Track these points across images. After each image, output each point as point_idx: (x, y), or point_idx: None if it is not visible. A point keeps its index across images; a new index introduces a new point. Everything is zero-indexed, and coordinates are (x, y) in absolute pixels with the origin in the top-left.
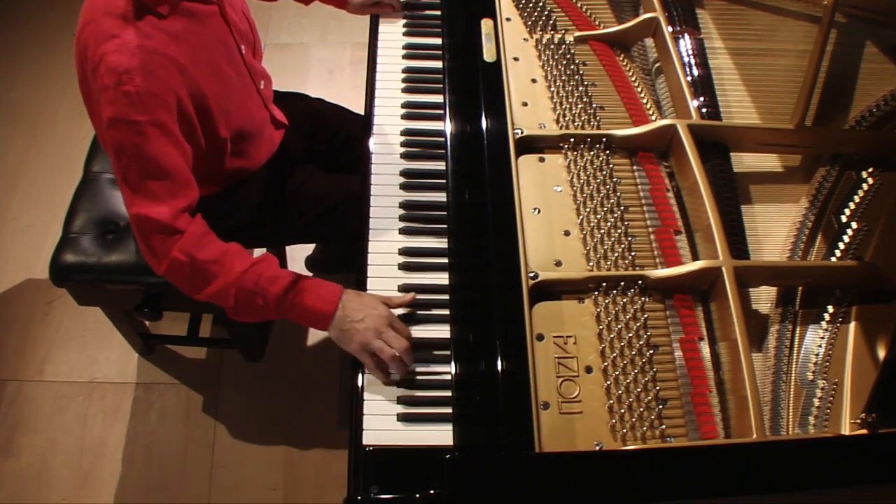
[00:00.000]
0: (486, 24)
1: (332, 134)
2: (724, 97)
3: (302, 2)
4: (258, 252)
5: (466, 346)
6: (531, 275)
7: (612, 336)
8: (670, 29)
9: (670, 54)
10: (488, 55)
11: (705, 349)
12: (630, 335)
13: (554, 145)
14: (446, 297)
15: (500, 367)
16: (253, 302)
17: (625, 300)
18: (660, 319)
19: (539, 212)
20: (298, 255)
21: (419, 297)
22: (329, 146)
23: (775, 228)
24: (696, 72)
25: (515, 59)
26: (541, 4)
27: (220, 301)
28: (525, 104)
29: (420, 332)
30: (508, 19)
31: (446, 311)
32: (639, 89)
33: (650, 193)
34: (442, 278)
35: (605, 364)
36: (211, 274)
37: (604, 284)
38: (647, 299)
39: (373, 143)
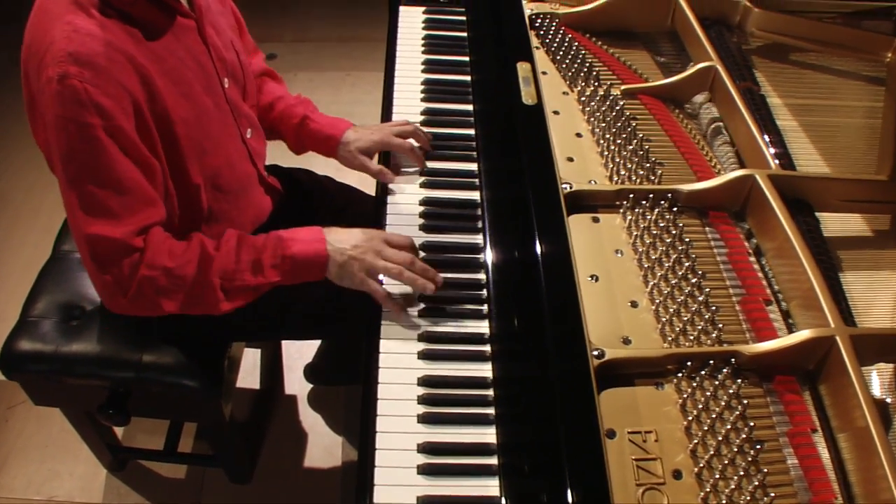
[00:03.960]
0: (522, 68)
1: (337, 212)
2: (793, 156)
3: (294, 151)
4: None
5: (518, 453)
6: (595, 352)
7: (703, 431)
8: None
9: (735, 102)
10: (528, 98)
11: (821, 444)
12: (726, 429)
13: (608, 203)
14: (484, 392)
15: (566, 479)
16: (241, 281)
17: (714, 384)
18: (761, 408)
19: (597, 279)
20: (296, 364)
21: (450, 391)
22: (329, 222)
23: (877, 299)
24: (764, 125)
25: (555, 112)
26: (579, 58)
27: (205, 299)
28: (571, 159)
29: (456, 435)
30: (545, 73)
31: (487, 411)
32: (700, 145)
33: (728, 258)
34: (478, 369)
35: (699, 467)
36: (189, 276)
37: (688, 364)
38: (742, 382)
39: (389, 216)
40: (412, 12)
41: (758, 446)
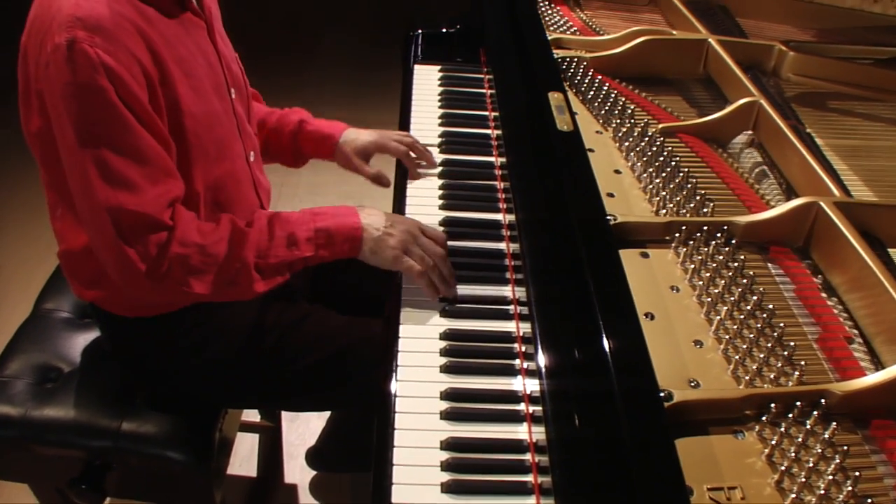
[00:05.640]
0: (554, 98)
1: (344, 264)
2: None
3: (292, 165)
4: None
5: None
6: (661, 394)
7: (797, 486)
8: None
9: (784, 133)
10: (563, 125)
11: None
12: (826, 482)
13: (657, 238)
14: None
15: None
16: (276, 257)
17: (804, 431)
18: (861, 457)
19: (653, 318)
20: (296, 451)
21: (481, 456)
22: (339, 282)
23: None
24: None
25: (591, 150)
26: (611, 98)
27: (239, 279)
28: (611, 195)
29: None
30: (576, 113)
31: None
32: (749, 183)
33: (797, 294)
34: (512, 430)
35: None
36: (221, 254)
37: (772, 408)
38: (835, 428)
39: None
40: (428, 70)
41: (869, 501)
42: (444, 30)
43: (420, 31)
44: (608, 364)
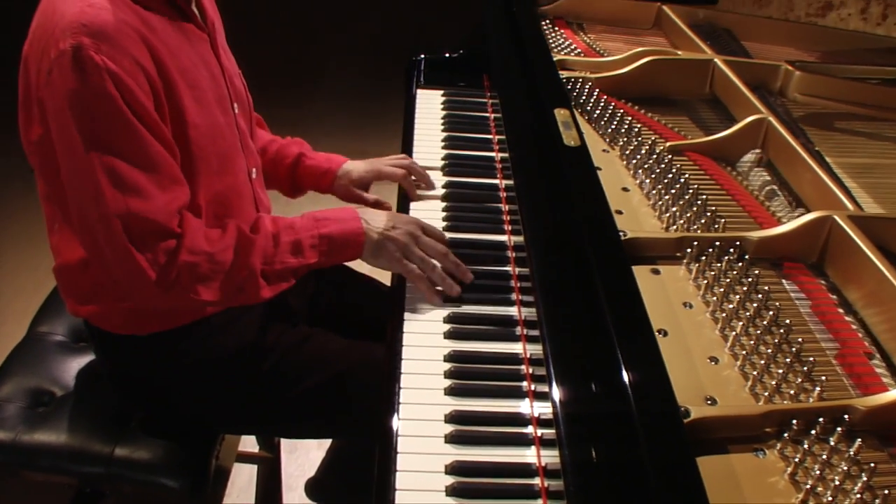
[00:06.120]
0: (560, 114)
1: (339, 286)
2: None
3: (290, 196)
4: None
5: None
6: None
7: None
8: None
9: (794, 149)
10: (570, 140)
11: None
12: (853, 502)
13: (668, 254)
14: (528, 481)
15: None
16: (282, 264)
17: (828, 449)
18: (889, 475)
19: (666, 334)
20: (296, 483)
21: (494, 479)
22: (340, 305)
23: None
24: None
25: (598, 168)
26: (618, 117)
27: (246, 286)
28: (620, 212)
29: None
30: (581, 132)
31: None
32: (760, 200)
33: (813, 310)
34: (520, 453)
35: None
36: (228, 261)
37: (793, 425)
38: (860, 445)
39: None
40: (430, 94)
41: None
42: (447, 55)
43: (423, 56)
44: (625, 384)
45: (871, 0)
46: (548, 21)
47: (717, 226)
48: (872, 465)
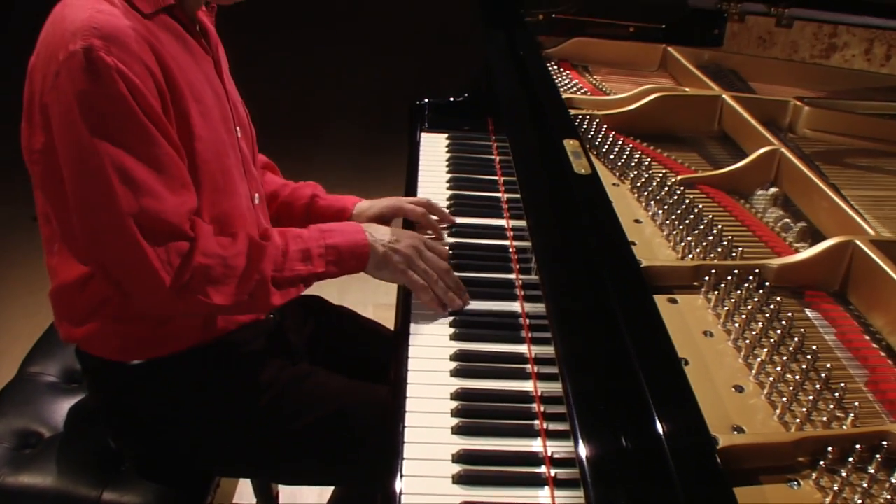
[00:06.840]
0: (570, 144)
1: (339, 330)
2: None
3: None
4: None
5: None
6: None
7: None
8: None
9: (808, 178)
10: (581, 169)
11: None
12: None
13: (685, 283)
14: None
15: None
16: (292, 271)
17: (867, 478)
18: None
19: (687, 363)
20: None
21: None
22: (341, 345)
23: None
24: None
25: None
26: (627, 152)
27: (257, 293)
28: (633, 243)
29: None
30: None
31: None
32: (776, 230)
33: (838, 337)
34: (532, 494)
35: None
36: (240, 267)
37: (829, 453)
38: None
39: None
40: (435, 137)
41: None
42: (451, 99)
43: (427, 100)
44: (655, 421)
45: (875, 41)
46: (553, 63)
47: (734, 254)
48: None
